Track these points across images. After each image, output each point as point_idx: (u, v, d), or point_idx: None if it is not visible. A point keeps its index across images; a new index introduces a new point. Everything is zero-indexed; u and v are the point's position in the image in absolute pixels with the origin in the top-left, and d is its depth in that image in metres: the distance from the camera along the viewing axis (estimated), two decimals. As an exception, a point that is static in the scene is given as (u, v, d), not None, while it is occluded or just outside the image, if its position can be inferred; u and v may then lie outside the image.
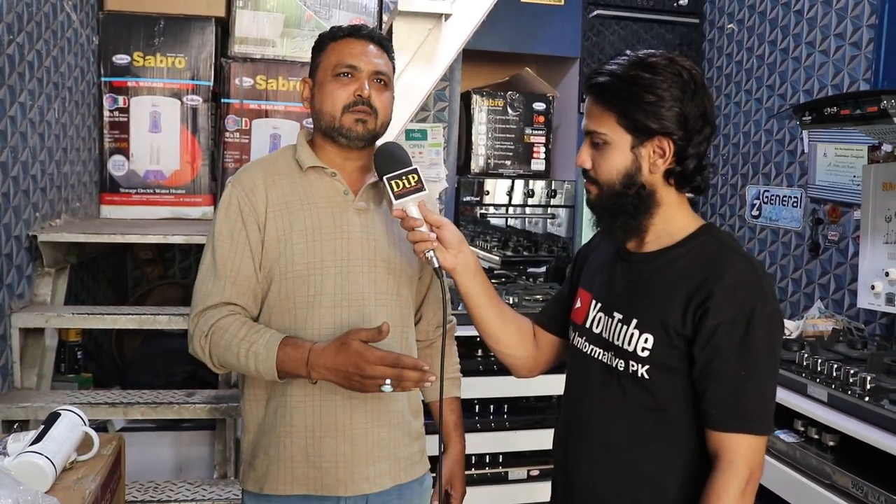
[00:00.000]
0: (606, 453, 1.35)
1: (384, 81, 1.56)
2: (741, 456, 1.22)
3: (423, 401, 1.74)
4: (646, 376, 1.29)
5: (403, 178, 1.41)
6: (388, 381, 1.35)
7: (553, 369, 1.63)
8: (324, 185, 1.56)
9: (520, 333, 1.55)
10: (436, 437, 1.71)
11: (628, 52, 1.34)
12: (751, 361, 1.22)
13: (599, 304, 1.40)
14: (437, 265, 1.42)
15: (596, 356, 1.38)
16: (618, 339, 1.33)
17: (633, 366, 1.30)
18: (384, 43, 1.60)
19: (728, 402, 1.23)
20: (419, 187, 1.41)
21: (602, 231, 1.39)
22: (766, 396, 1.25)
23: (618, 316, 1.35)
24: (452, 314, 1.81)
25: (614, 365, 1.33)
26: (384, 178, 1.42)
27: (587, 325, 1.42)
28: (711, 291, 1.23)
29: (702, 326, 1.23)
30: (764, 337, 1.23)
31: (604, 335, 1.37)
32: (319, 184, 1.56)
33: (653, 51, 1.32)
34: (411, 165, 1.44)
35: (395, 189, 1.40)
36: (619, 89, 1.28)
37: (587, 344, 1.41)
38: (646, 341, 1.28)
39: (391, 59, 1.62)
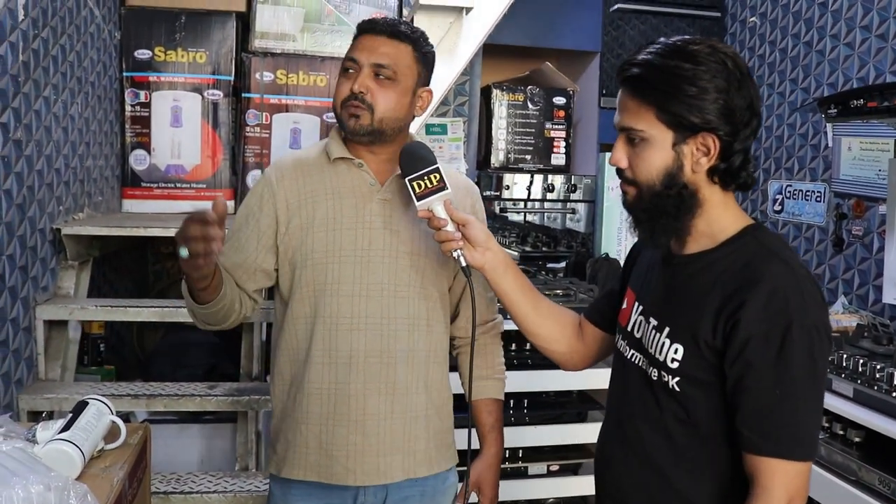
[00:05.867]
0: (638, 462, 1.28)
1: (388, 76, 1.51)
2: (777, 483, 1.12)
3: (452, 399, 1.70)
4: (676, 388, 1.21)
5: (425, 178, 1.41)
6: (181, 249, 1.30)
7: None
8: (351, 175, 1.57)
9: (560, 327, 1.51)
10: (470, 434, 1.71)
11: (662, 39, 1.23)
12: (786, 380, 1.12)
13: (641, 308, 1.34)
14: (464, 264, 1.42)
15: (636, 361, 1.31)
16: (651, 347, 1.26)
17: (664, 376, 1.23)
18: (401, 35, 1.53)
19: (760, 423, 1.13)
20: (441, 186, 1.41)
21: (641, 235, 1.30)
22: (804, 418, 1.14)
23: (653, 322, 1.27)
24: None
25: (649, 373, 1.27)
26: (406, 179, 1.42)
27: (629, 328, 1.35)
28: (744, 301, 1.13)
29: (732, 339, 1.14)
30: (803, 353, 1.12)
31: (642, 341, 1.30)
32: (347, 174, 1.57)
33: (689, 37, 1.22)
34: (434, 164, 1.43)
35: (417, 190, 1.41)
36: (658, 81, 1.18)
37: (628, 348, 1.35)
38: (675, 352, 1.21)
39: (419, 51, 1.55)
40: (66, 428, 1.28)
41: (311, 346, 1.53)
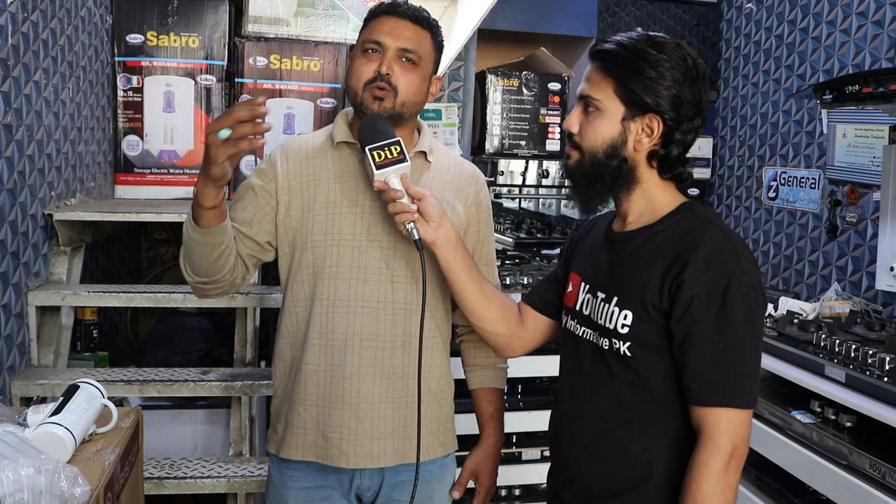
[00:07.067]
0: (593, 433, 1.35)
1: (412, 60, 1.52)
2: (722, 430, 1.21)
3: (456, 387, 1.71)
4: (627, 353, 1.29)
5: (386, 149, 1.41)
6: (223, 129, 1.33)
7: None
8: (354, 160, 1.58)
9: (502, 311, 1.55)
10: (473, 422, 1.71)
11: (639, 28, 1.35)
12: (728, 333, 1.22)
13: (588, 286, 1.42)
14: (416, 237, 1.42)
15: (586, 337, 1.39)
16: (601, 318, 1.34)
17: (615, 343, 1.31)
18: (423, 22, 1.56)
19: (707, 375, 1.23)
20: (401, 158, 1.42)
21: (574, 198, 1.41)
22: (746, 369, 1.24)
23: (601, 295, 1.36)
24: None
25: (600, 344, 1.34)
26: (366, 148, 1.42)
27: (577, 308, 1.43)
28: (686, 263, 1.24)
29: (677, 299, 1.24)
30: (742, 308, 1.22)
31: (591, 316, 1.38)
32: (350, 159, 1.58)
33: (663, 34, 1.35)
34: (394, 137, 1.44)
35: (377, 160, 1.41)
36: (624, 59, 1.30)
37: (578, 326, 1.42)
38: (625, 318, 1.29)
39: (436, 39, 1.59)
40: (57, 411, 1.28)
41: (309, 328, 1.55)
